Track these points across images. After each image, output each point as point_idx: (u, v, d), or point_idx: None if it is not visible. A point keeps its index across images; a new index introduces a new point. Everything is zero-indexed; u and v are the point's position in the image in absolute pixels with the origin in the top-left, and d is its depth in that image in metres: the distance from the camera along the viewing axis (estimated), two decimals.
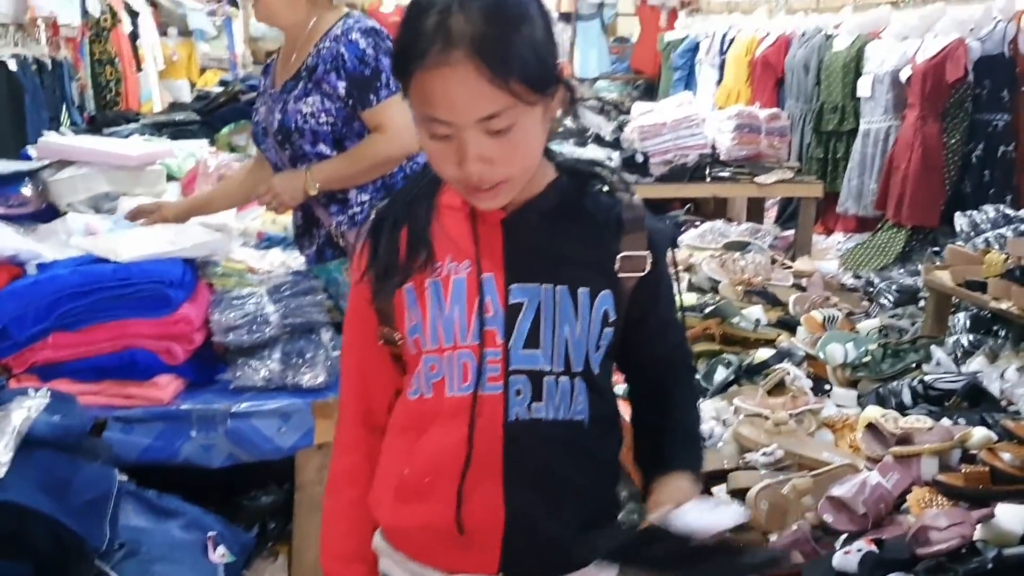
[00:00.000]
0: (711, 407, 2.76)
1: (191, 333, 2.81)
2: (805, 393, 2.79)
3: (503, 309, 1.42)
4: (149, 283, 2.74)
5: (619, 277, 1.44)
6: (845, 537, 2.10)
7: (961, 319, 3.54)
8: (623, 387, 1.64)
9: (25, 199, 3.42)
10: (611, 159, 5.54)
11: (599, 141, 5.78)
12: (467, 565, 1.46)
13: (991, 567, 1.91)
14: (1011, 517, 1.99)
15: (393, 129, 2.70)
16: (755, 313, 3.51)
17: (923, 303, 3.79)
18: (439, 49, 1.25)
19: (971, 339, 3.29)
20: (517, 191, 1.39)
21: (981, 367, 3.01)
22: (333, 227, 2.86)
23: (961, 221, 3.90)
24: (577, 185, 1.48)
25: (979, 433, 2.37)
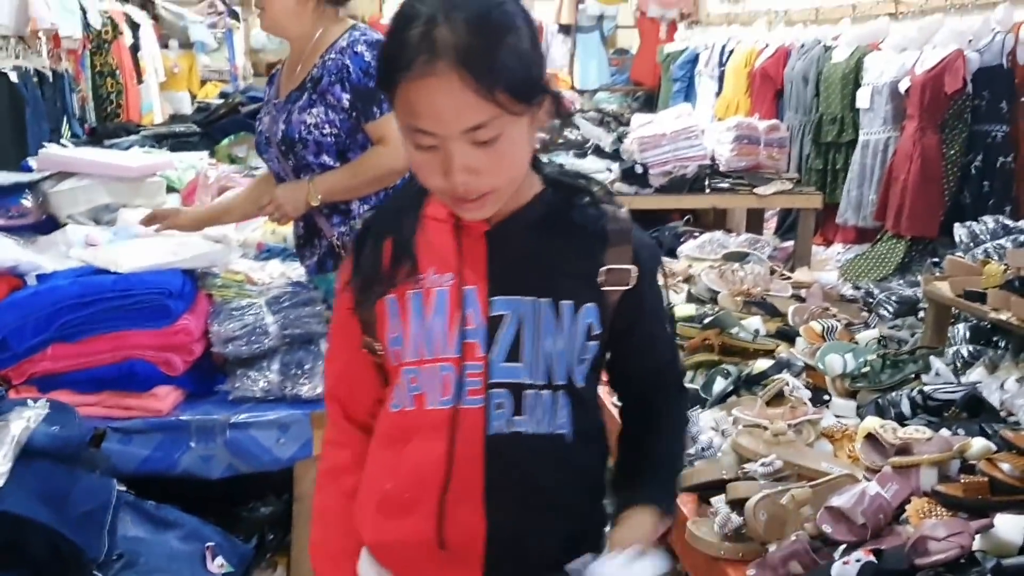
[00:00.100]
0: (710, 417, 2.76)
1: (190, 344, 2.82)
2: (804, 403, 2.79)
3: (484, 322, 1.41)
4: (149, 294, 2.75)
5: (604, 290, 1.43)
6: (844, 547, 2.09)
7: (961, 330, 3.54)
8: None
9: (25, 210, 3.43)
10: (611, 170, 5.55)
11: (599, 152, 5.79)
12: None
13: None
14: (1010, 527, 1.99)
15: (396, 142, 2.71)
16: (754, 324, 3.51)
17: (922, 314, 3.78)
18: (424, 60, 1.25)
19: (971, 350, 3.29)
20: (503, 202, 1.39)
21: (981, 378, 3.01)
22: (335, 238, 2.87)
23: (960, 232, 3.90)
24: (563, 197, 1.47)
25: (978, 443, 2.36)
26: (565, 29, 11.07)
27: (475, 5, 1.27)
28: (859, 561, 1.99)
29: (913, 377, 3.01)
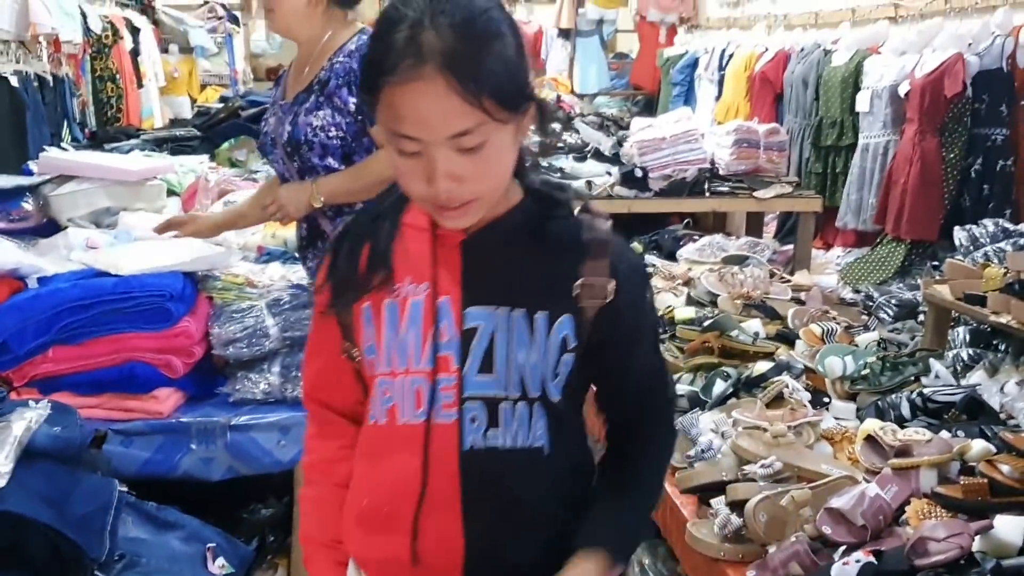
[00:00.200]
0: (710, 419, 2.76)
1: (191, 346, 2.83)
2: (804, 406, 2.79)
3: (458, 334, 1.38)
4: (149, 296, 2.76)
5: (581, 303, 1.39)
6: (843, 549, 2.09)
7: (960, 333, 3.54)
8: None
9: (26, 213, 3.44)
10: (610, 173, 5.55)
11: (598, 156, 5.79)
12: None
13: None
14: (1010, 528, 1.99)
15: None
16: (754, 326, 3.51)
17: (922, 317, 3.79)
18: (410, 64, 1.23)
19: (971, 353, 3.29)
20: (485, 210, 1.36)
21: (981, 381, 3.01)
22: None
23: (960, 235, 3.90)
24: (543, 208, 1.43)
25: (978, 445, 2.36)
26: (565, 33, 11.08)
27: (461, 11, 1.25)
28: (859, 562, 1.99)
29: (913, 380, 3.02)
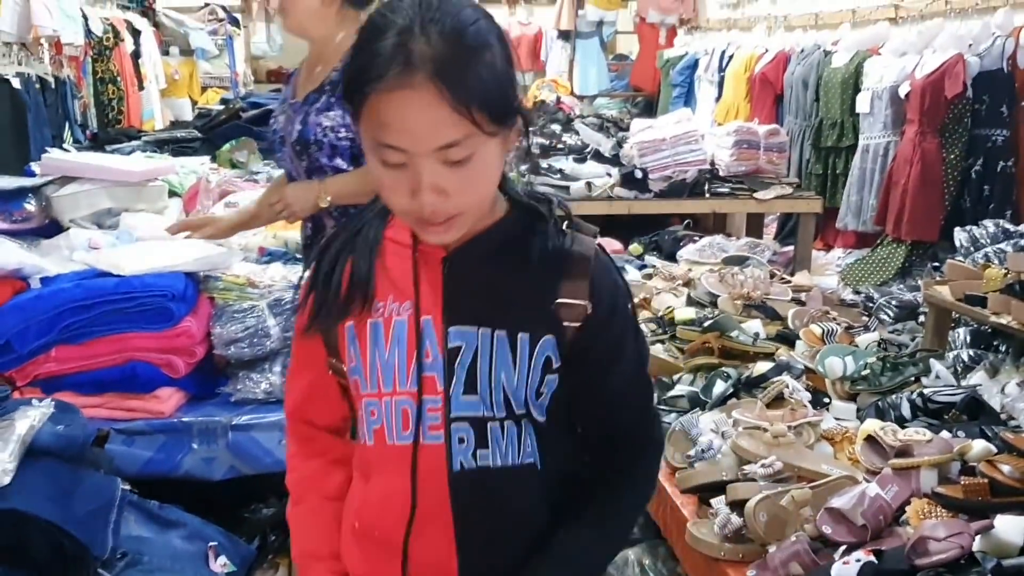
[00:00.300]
0: (710, 419, 2.76)
1: (193, 346, 2.83)
2: (804, 406, 2.79)
3: (442, 354, 1.36)
4: (151, 296, 2.76)
5: (562, 323, 1.36)
6: (844, 548, 2.10)
7: (961, 334, 3.54)
8: None
9: (29, 214, 3.44)
10: (610, 175, 5.55)
11: (598, 157, 5.80)
12: None
13: None
14: (1010, 528, 1.99)
15: None
16: (754, 327, 3.51)
17: (923, 318, 3.79)
18: (399, 72, 1.19)
19: (971, 354, 3.29)
20: (469, 226, 1.33)
21: (981, 382, 3.01)
22: None
23: (961, 236, 3.90)
24: (528, 221, 1.39)
25: (979, 445, 2.37)
26: (565, 35, 11.10)
27: (451, 20, 1.22)
28: (859, 561, 1.99)
29: (913, 380, 3.02)
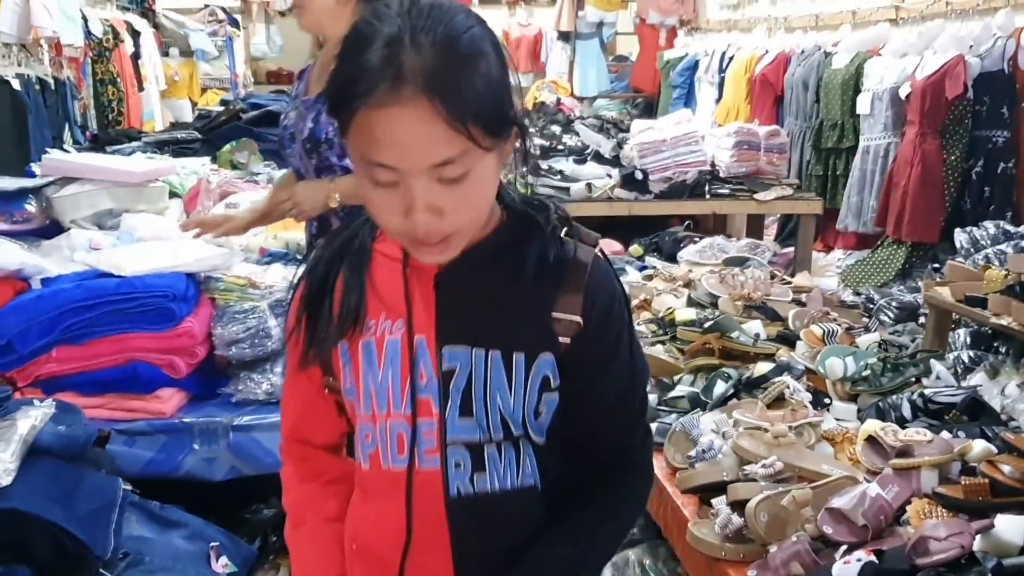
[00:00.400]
0: (710, 420, 2.77)
1: (194, 347, 2.83)
2: (805, 406, 2.79)
3: (436, 376, 1.31)
4: (152, 297, 2.76)
5: (559, 339, 1.30)
6: (845, 548, 2.10)
7: (961, 335, 3.54)
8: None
9: (29, 215, 3.45)
10: (611, 176, 5.56)
11: (599, 158, 5.80)
12: None
13: None
14: (1011, 528, 1.99)
15: None
16: (754, 328, 3.52)
17: (923, 319, 3.79)
18: (388, 86, 1.11)
19: (971, 355, 3.29)
20: (465, 243, 1.27)
21: (981, 383, 3.01)
22: None
23: (961, 237, 3.90)
24: (523, 229, 1.32)
25: (979, 446, 2.37)
26: (565, 36, 11.11)
27: (443, 28, 1.14)
28: (860, 561, 1.99)
29: (914, 381, 3.02)
